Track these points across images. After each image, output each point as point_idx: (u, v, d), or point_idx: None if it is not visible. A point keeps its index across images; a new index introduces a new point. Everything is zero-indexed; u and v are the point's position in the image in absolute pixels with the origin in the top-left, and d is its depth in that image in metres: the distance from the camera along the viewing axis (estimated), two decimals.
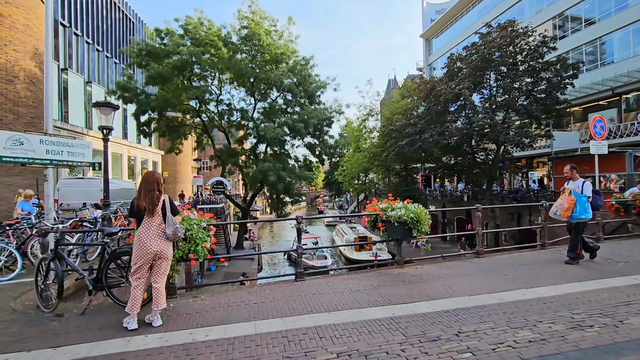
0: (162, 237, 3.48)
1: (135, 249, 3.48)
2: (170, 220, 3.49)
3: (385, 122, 27.55)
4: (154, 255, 3.45)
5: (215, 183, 22.39)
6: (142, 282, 3.51)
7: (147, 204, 3.47)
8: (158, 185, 3.57)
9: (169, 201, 3.59)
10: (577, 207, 5.38)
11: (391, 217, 5.19)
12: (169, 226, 3.50)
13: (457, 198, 29.80)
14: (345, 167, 45.60)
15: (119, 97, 22.89)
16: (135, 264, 3.48)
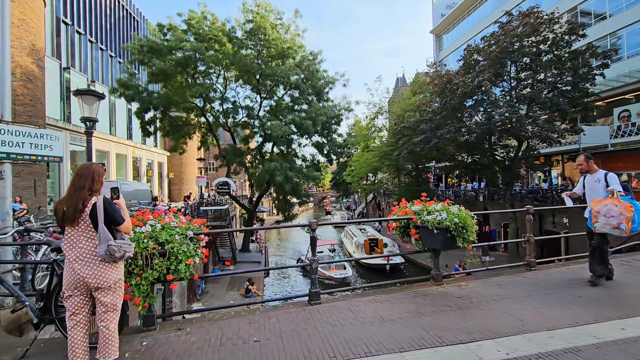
0: (94, 257, 2.45)
1: (64, 272, 2.48)
2: (104, 235, 2.42)
3: (397, 120, 26.41)
4: (84, 284, 2.42)
5: (220, 184, 21.49)
6: (79, 320, 2.47)
7: (67, 208, 2.44)
8: (92, 182, 2.51)
9: (102, 205, 2.47)
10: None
11: (428, 223, 4.12)
12: (100, 243, 2.43)
13: (472, 198, 28.46)
14: (354, 167, 44.46)
15: (120, 95, 22.16)
16: (64, 294, 2.47)
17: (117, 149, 30.51)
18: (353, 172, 45.43)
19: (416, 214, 4.40)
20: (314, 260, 3.91)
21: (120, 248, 2.45)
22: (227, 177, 25.28)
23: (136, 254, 2.95)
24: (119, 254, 2.45)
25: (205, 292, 16.46)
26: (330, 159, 26.58)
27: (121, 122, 30.77)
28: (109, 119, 30.41)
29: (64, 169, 23.56)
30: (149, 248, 2.98)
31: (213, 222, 19.32)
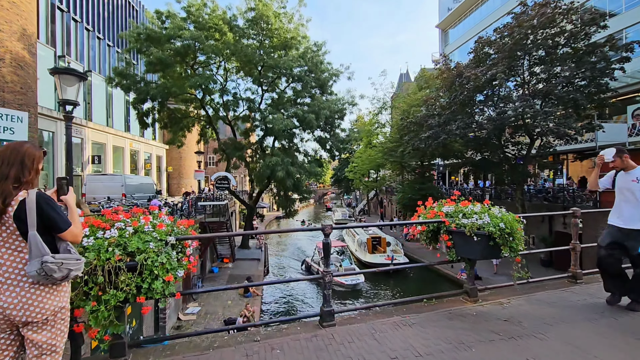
0: (21, 278, 1.69)
1: None
2: (36, 247, 1.66)
3: (402, 115, 25.58)
4: (5, 317, 1.66)
5: (219, 178, 20.74)
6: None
7: None
8: (22, 169, 1.75)
9: (35, 203, 1.71)
10: None
11: (465, 227, 3.39)
12: (31, 258, 1.65)
13: (478, 197, 27.71)
14: (356, 164, 43.71)
15: (117, 84, 21.35)
16: None
17: (114, 141, 29.72)
18: (355, 168, 44.69)
19: (449, 216, 3.65)
20: (328, 273, 3.17)
21: (62, 266, 1.69)
22: (226, 171, 24.55)
23: (95, 268, 2.21)
24: (59, 273, 1.68)
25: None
26: (333, 155, 25.82)
27: (119, 113, 29.95)
28: (106, 111, 29.61)
29: (58, 160, 22.82)
30: (112, 260, 2.24)
31: (212, 218, 18.63)
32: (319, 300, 17.51)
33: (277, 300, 16.93)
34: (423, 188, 26.29)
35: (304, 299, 18.22)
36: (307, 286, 19.95)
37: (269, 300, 16.79)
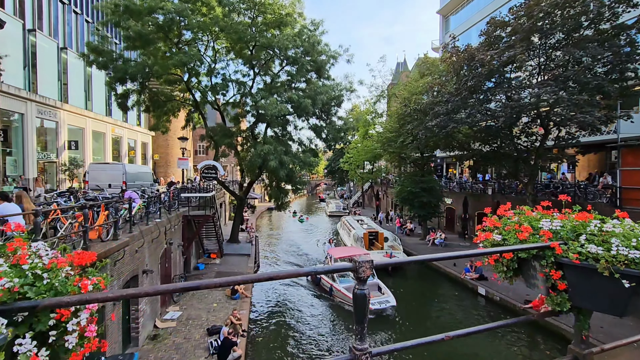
0: None
1: None
2: None
3: (403, 103, 24.07)
4: None
5: (206, 167, 19.04)
6: None
7: None
8: None
9: None
10: None
11: (596, 260, 1.93)
12: None
13: (480, 191, 26.59)
14: (352, 154, 42.30)
15: (92, 62, 19.31)
16: None
17: (94, 125, 27.58)
18: (350, 159, 43.28)
19: (556, 235, 2.19)
20: (364, 353, 1.65)
21: None
22: (214, 160, 22.82)
23: None
24: None
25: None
26: (329, 144, 24.27)
27: (99, 96, 27.77)
28: (85, 92, 27.36)
29: (28, 144, 20.77)
30: None
31: (197, 211, 17.02)
32: (316, 306, 15.90)
33: (269, 303, 15.42)
34: (423, 181, 25.00)
35: (299, 303, 16.20)
36: (304, 290, 18.14)
37: (260, 303, 15.32)
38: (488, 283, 16.25)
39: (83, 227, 6.27)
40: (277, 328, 13.03)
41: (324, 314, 15.11)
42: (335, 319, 14.54)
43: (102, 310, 7.34)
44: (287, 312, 14.71)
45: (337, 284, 15.64)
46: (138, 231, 9.54)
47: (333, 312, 15.05)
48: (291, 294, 17.20)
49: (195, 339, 10.33)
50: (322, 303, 16.05)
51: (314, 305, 15.98)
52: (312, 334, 12.56)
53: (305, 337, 12.35)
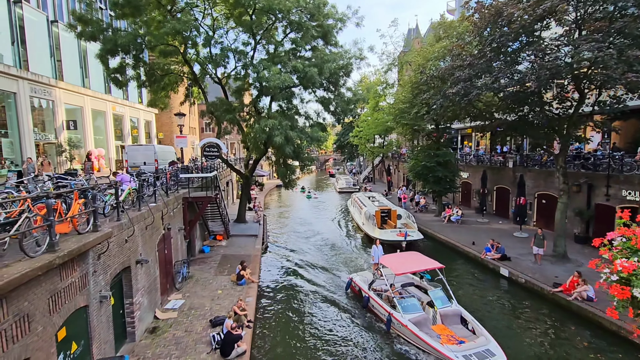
0: None
1: None
2: None
3: (417, 70, 22.16)
4: None
5: (207, 146, 17.90)
6: None
7: None
8: None
9: None
10: None
11: None
12: None
13: (500, 164, 24.97)
14: (362, 128, 40.61)
15: (80, 34, 17.90)
16: None
17: (92, 104, 26.52)
18: (360, 133, 41.65)
19: None
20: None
21: None
22: (217, 137, 21.64)
23: None
24: None
25: (188, 277, 13.54)
26: (338, 117, 22.70)
27: (97, 72, 26.49)
28: (82, 69, 26.10)
29: (24, 125, 19.87)
30: None
31: (199, 191, 16.07)
32: (332, 289, 14.18)
33: (278, 289, 14.49)
34: (438, 154, 23.47)
35: (315, 289, 14.36)
36: (325, 275, 16.08)
37: (268, 288, 14.47)
38: (511, 264, 15.12)
39: (47, 221, 5.24)
40: (288, 318, 12.14)
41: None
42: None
43: (80, 320, 6.48)
44: (299, 294, 13.79)
45: (400, 313, 10.17)
46: (127, 219, 8.57)
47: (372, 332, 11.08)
48: (305, 275, 16.16)
49: (197, 332, 9.60)
50: (334, 285, 14.76)
51: (331, 289, 14.29)
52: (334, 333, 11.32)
53: (322, 330, 11.53)
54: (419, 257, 12.58)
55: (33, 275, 4.73)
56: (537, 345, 9.98)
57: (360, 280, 13.28)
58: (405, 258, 12.72)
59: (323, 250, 19.99)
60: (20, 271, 4.52)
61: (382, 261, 12.54)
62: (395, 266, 11.55)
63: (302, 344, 10.32)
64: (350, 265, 17.54)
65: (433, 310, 10.66)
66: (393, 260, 12.33)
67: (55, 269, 5.41)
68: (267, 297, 13.50)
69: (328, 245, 21.21)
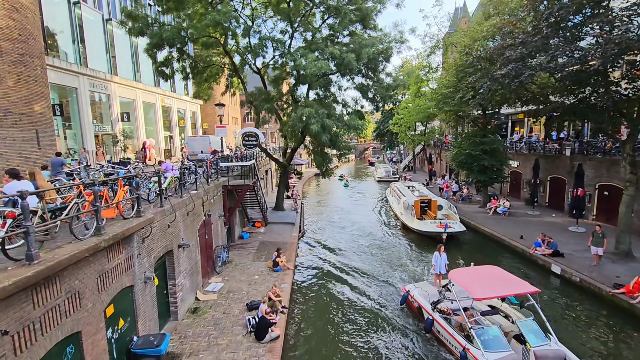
0: None
1: None
2: None
3: (463, 51, 20.74)
4: None
5: (246, 135, 18.32)
6: None
7: None
8: None
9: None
10: None
11: None
12: None
13: (555, 152, 22.87)
14: (402, 115, 39.28)
15: (130, 30, 18.95)
16: None
17: (144, 97, 28.28)
18: (400, 120, 40.35)
19: None
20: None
21: None
22: (256, 126, 22.11)
23: None
24: None
25: (228, 261, 14.14)
26: (376, 105, 22.07)
27: (147, 67, 28.10)
28: (133, 64, 27.86)
29: (84, 118, 21.71)
30: None
31: (238, 180, 16.58)
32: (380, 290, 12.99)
33: (313, 278, 14.41)
34: (485, 142, 21.99)
35: (351, 285, 13.48)
36: (364, 271, 14.97)
37: (303, 276, 14.61)
38: (564, 260, 13.90)
39: (94, 206, 5.65)
40: (322, 309, 12.13)
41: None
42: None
43: (128, 297, 6.99)
44: (332, 282, 13.78)
45: (479, 350, 7.86)
46: (169, 205, 9.05)
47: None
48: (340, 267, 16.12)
49: (234, 314, 10.01)
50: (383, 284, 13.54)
51: (377, 288, 13.06)
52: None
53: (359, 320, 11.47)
54: (502, 275, 9.45)
55: (81, 256, 5.14)
56: (595, 351, 9.10)
57: (420, 294, 10.74)
58: (484, 275, 9.53)
59: (360, 242, 19.62)
60: (70, 252, 4.93)
61: (453, 278, 9.59)
62: (473, 287, 8.71)
63: (336, 336, 10.27)
64: (393, 263, 16.06)
65: (524, 348, 7.99)
66: (468, 277, 9.43)
67: (102, 251, 5.85)
68: (302, 286, 13.68)
69: (365, 236, 20.76)
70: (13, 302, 4.08)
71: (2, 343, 3.93)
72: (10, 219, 4.46)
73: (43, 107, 15.29)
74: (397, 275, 14.63)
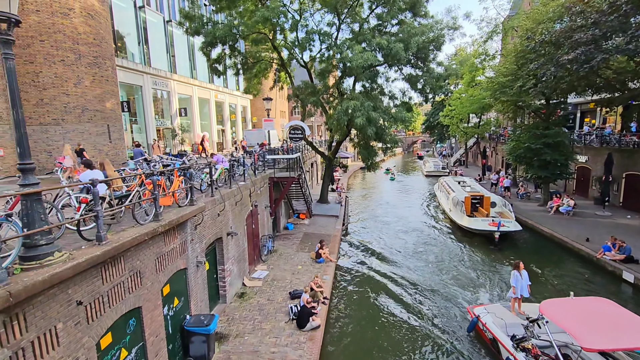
0: None
1: None
2: None
3: (525, 36, 19.06)
4: None
5: (292, 128, 18.71)
6: None
7: None
8: None
9: None
10: None
11: None
12: None
13: (634, 145, 20.23)
14: (454, 107, 37.26)
15: (187, 30, 20.16)
16: None
17: (199, 93, 30.11)
18: (452, 112, 38.30)
19: None
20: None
21: None
22: (302, 120, 22.46)
23: None
24: None
25: (273, 251, 14.68)
26: (426, 96, 21.23)
27: (202, 64, 29.83)
28: (190, 62, 29.72)
29: (148, 113, 23.70)
30: None
31: (283, 172, 17.04)
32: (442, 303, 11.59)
33: (356, 272, 14.23)
34: (547, 135, 20.11)
35: (395, 283, 12.82)
36: (410, 273, 13.98)
37: (345, 269, 14.67)
38: (637, 267, 12.37)
39: (153, 195, 6.20)
40: (363, 304, 12.13)
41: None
42: None
43: (181, 279, 7.61)
44: (375, 279, 13.67)
45: None
46: (219, 195, 9.61)
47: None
48: (387, 258, 15.91)
49: (277, 302, 10.41)
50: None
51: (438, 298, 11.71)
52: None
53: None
54: (619, 314, 6.89)
55: (142, 239, 5.69)
56: None
57: (494, 323, 8.63)
58: (593, 314, 6.93)
59: (405, 238, 18.99)
60: (132, 235, 5.48)
61: (549, 313, 7.12)
62: (580, 332, 6.32)
63: (375, 334, 10.18)
64: (443, 265, 14.87)
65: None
66: (571, 316, 6.87)
67: (160, 235, 6.41)
68: (344, 279, 13.75)
69: (411, 232, 20.18)
70: (86, 277, 4.66)
71: (77, 312, 4.52)
72: (84, 204, 5.07)
73: (113, 104, 16.99)
74: (448, 279, 13.44)
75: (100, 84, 15.89)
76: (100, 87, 15.89)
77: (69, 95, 14.81)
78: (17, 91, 4.01)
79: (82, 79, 15.11)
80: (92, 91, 15.48)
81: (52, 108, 14.56)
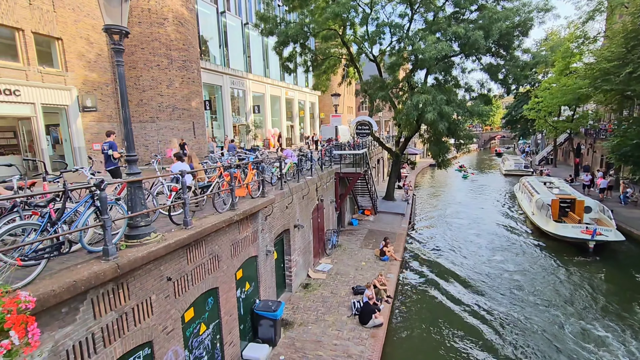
0: None
1: None
2: None
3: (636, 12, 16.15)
4: None
5: (359, 124, 18.60)
6: None
7: None
8: None
9: None
10: None
11: None
12: None
13: None
14: (542, 98, 33.24)
15: (262, 31, 21.24)
16: None
17: (271, 90, 31.67)
18: (539, 105, 34.21)
19: None
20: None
21: None
22: (370, 115, 22.17)
23: None
24: None
25: (337, 245, 14.87)
26: (507, 87, 19.30)
27: (274, 63, 31.31)
28: (264, 61, 31.38)
29: (226, 111, 25.69)
30: None
31: (349, 168, 17.08)
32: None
33: (421, 273, 13.58)
34: None
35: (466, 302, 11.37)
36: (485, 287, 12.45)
37: (410, 270, 14.10)
38: None
39: (230, 186, 6.74)
40: (427, 309, 11.66)
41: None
42: None
43: (252, 266, 8.14)
44: (441, 279, 12.96)
45: None
46: (287, 188, 10.04)
47: None
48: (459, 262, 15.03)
49: (340, 295, 10.55)
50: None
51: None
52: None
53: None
54: None
55: (220, 226, 6.23)
56: None
57: None
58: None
59: (478, 241, 17.59)
60: (212, 222, 6.03)
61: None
62: None
63: (439, 341, 9.68)
64: (525, 281, 12.82)
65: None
66: None
67: (235, 223, 6.95)
68: (408, 279, 13.32)
69: (485, 235, 18.63)
70: (174, 256, 5.28)
71: (167, 287, 5.16)
72: (174, 192, 5.74)
73: (198, 103, 18.80)
74: (534, 298, 11.57)
75: (188, 85, 17.68)
76: (188, 87, 17.70)
77: (162, 96, 16.79)
78: (125, 94, 4.69)
79: (173, 81, 17.00)
80: (180, 92, 17.33)
81: (149, 107, 16.67)
